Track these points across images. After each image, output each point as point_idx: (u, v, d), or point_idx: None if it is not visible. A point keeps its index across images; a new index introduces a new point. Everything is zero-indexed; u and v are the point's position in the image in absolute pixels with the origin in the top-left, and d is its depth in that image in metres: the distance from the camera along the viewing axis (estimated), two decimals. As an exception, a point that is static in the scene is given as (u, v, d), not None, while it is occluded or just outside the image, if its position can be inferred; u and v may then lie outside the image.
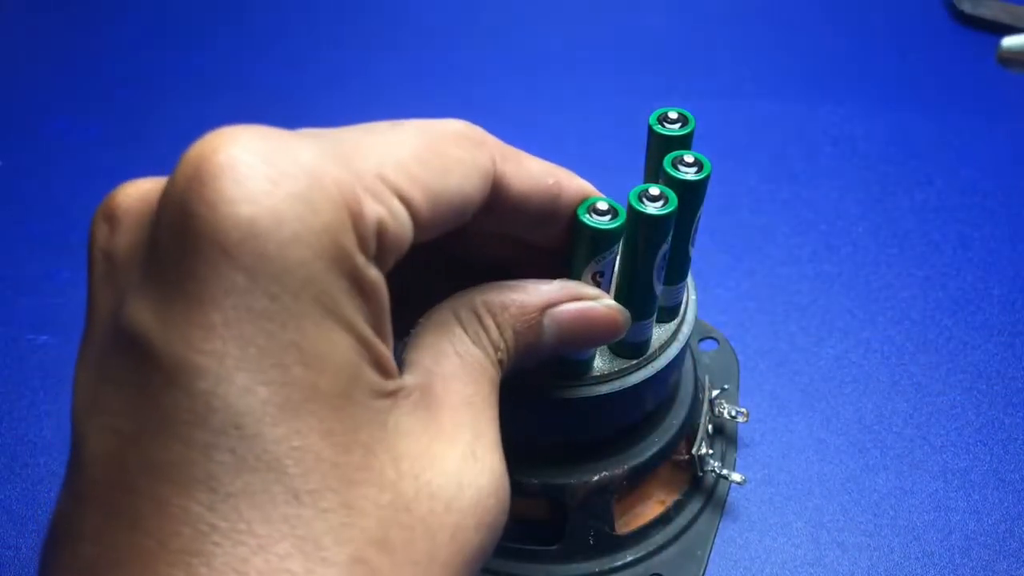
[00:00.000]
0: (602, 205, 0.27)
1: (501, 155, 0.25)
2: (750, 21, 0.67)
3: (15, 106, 0.59)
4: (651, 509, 0.38)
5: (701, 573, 0.37)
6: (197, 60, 0.63)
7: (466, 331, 0.25)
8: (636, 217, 0.28)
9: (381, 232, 0.20)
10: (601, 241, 0.27)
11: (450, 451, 0.22)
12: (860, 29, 0.66)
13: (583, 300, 0.27)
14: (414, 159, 0.22)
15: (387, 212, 0.20)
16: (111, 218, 0.21)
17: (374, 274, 0.20)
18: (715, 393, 0.40)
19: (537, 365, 0.27)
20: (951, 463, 0.41)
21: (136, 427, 0.18)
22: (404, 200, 0.21)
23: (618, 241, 0.27)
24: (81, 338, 0.22)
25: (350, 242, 0.20)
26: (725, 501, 0.40)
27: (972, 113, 0.59)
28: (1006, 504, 0.40)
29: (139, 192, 0.21)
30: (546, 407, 0.32)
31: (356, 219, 0.20)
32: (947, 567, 0.38)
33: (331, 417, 0.19)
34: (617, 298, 0.31)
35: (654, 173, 0.31)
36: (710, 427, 0.39)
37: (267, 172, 0.19)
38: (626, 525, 0.37)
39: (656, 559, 0.37)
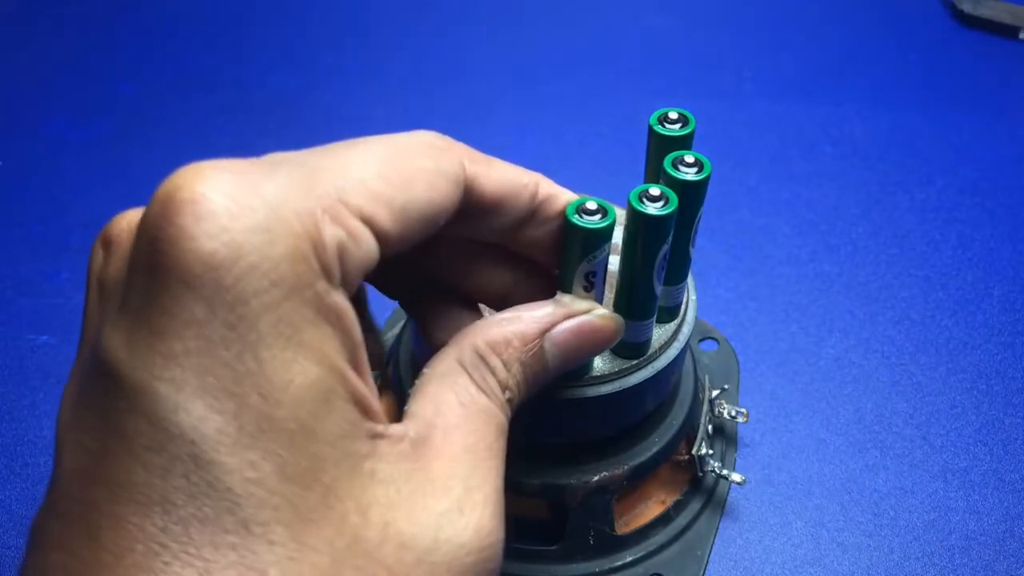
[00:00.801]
0: (591, 205, 0.27)
1: (471, 159, 0.25)
2: (750, 21, 0.67)
3: (15, 106, 0.59)
4: (651, 509, 0.38)
5: (701, 573, 0.37)
6: (197, 60, 0.63)
7: (472, 377, 0.25)
8: (636, 217, 0.28)
9: (343, 255, 0.21)
10: (592, 241, 0.27)
11: (434, 504, 0.22)
12: (860, 29, 0.66)
13: (577, 316, 0.27)
14: (376, 176, 0.22)
15: (348, 235, 0.21)
16: (106, 246, 0.22)
17: (340, 300, 0.21)
18: (715, 393, 0.40)
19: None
20: (951, 463, 0.41)
21: (102, 447, 0.19)
22: (367, 220, 0.21)
23: (609, 240, 0.27)
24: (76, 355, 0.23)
25: (311, 269, 0.20)
26: (725, 501, 0.40)
27: (972, 113, 0.59)
28: (1006, 504, 0.40)
29: (130, 223, 0.22)
30: (546, 407, 0.32)
31: (317, 246, 0.20)
32: (947, 567, 0.38)
33: (288, 452, 0.20)
34: (617, 298, 0.31)
35: (654, 173, 0.31)
36: (710, 427, 0.39)
37: (227, 206, 0.19)
38: (626, 525, 0.37)
39: (656, 559, 0.37)
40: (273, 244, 0.20)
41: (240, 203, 0.20)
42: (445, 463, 0.23)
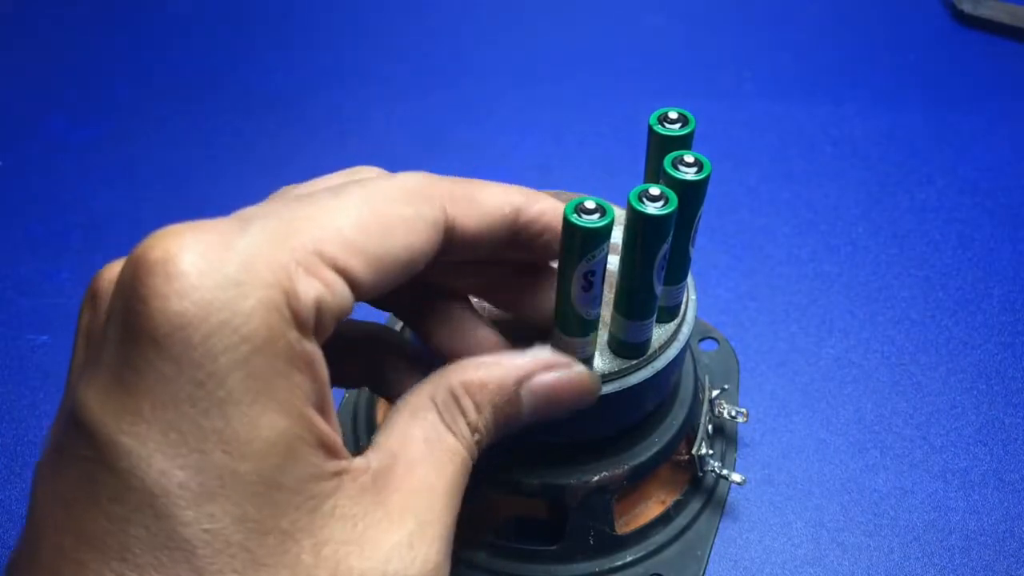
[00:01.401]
0: (590, 204, 0.27)
1: (451, 199, 0.25)
2: (750, 21, 0.67)
3: (15, 106, 0.59)
4: (651, 509, 0.38)
5: (701, 573, 0.37)
6: (197, 60, 0.63)
7: (442, 416, 0.25)
8: (636, 217, 0.28)
9: (317, 306, 0.21)
10: (590, 240, 0.27)
11: (385, 538, 0.23)
12: (860, 29, 0.66)
13: (557, 369, 0.28)
14: (354, 227, 0.22)
15: (323, 287, 0.22)
16: (93, 298, 0.23)
17: (312, 349, 0.22)
18: (715, 393, 0.40)
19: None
20: (951, 463, 0.41)
21: (71, 495, 0.21)
22: (341, 270, 0.22)
23: (607, 240, 0.27)
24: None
25: (283, 320, 0.21)
26: (725, 501, 0.40)
27: (972, 113, 0.59)
28: (1006, 504, 0.40)
29: (112, 277, 0.23)
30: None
31: (290, 297, 0.21)
32: (947, 567, 0.38)
33: (249, 503, 0.20)
34: (617, 298, 0.31)
35: (654, 173, 0.31)
36: (710, 427, 0.39)
37: (198, 264, 0.20)
38: (626, 525, 0.37)
39: (656, 559, 0.37)
40: (244, 298, 0.20)
41: (211, 260, 0.20)
42: (402, 496, 0.23)
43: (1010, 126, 0.58)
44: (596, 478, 0.34)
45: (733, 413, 0.40)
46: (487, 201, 0.26)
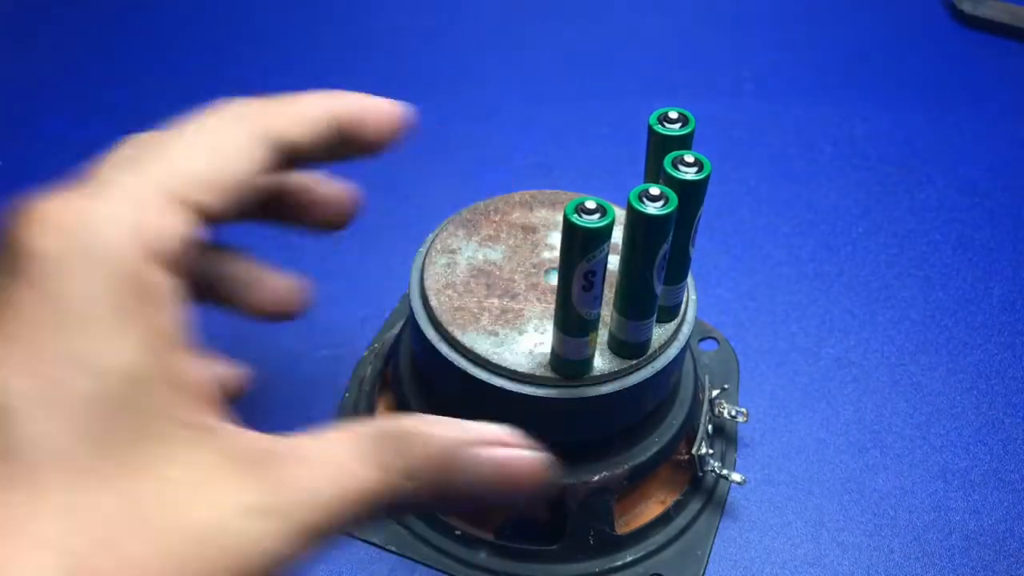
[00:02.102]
0: (590, 204, 0.27)
1: (269, 114, 0.27)
2: (750, 21, 0.67)
3: (15, 106, 0.59)
4: (651, 509, 0.38)
5: (701, 573, 0.37)
6: (197, 61, 0.63)
7: (360, 441, 0.23)
8: (636, 217, 0.28)
9: (173, 241, 0.23)
10: (590, 240, 0.27)
11: (231, 498, 0.21)
12: (860, 29, 0.66)
13: (508, 447, 0.25)
14: (197, 161, 0.25)
15: (176, 221, 0.23)
16: None
17: (162, 280, 0.23)
18: (715, 393, 0.40)
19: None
20: (951, 463, 0.41)
21: None
22: (193, 204, 0.24)
23: (608, 240, 0.27)
24: None
25: (139, 255, 0.22)
26: (725, 501, 0.40)
27: (972, 113, 0.59)
28: (1006, 504, 0.40)
29: None
30: (547, 407, 0.32)
31: (145, 232, 0.23)
32: (947, 567, 0.38)
33: (94, 421, 0.20)
34: (617, 298, 0.31)
35: (654, 173, 0.31)
36: (710, 427, 0.39)
37: (55, 205, 0.23)
38: (626, 525, 0.37)
39: (656, 559, 0.37)
40: (99, 233, 0.22)
41: (69, 201, 0.23)
42: (264, 470, 0.22)
43: (1010, 126, 0.58)
44: (596, 478, 0.34)
45: (733, 413, 0.40)
46: (305, 110, 0.28)
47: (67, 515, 0.20)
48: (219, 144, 0.26)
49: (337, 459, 0.23)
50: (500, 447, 0.25)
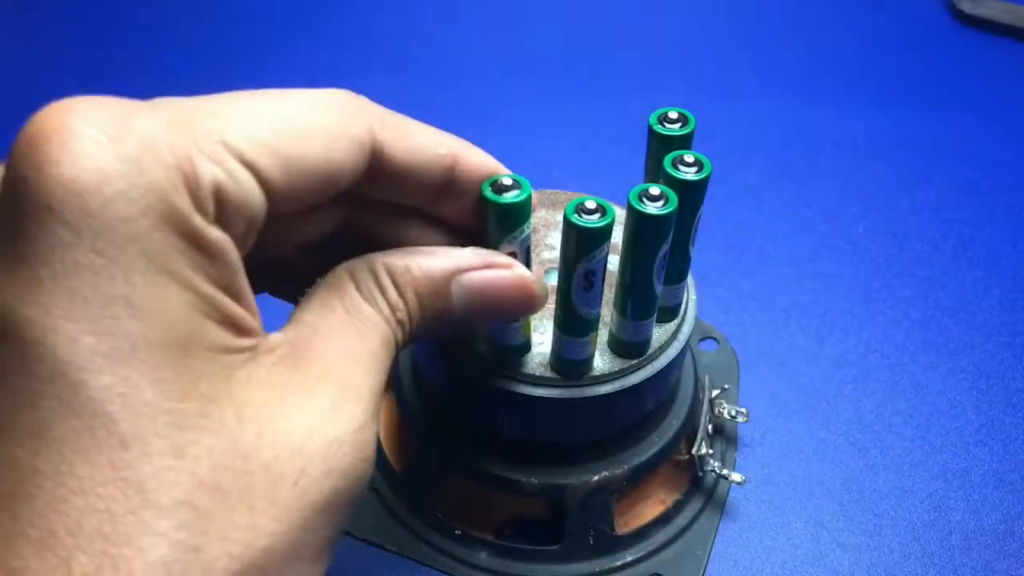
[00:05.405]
0: (590, 204, 0.27)
1: (382, 123, 0.24)
2: (750, 21, 0.67)
3: (15, 106, 0.59)
4: (651, 509, 0.38)
5: (701, 573, 0.37)
6: (197, 61, 0.63)
7: (359, 288, 0.25)
8: (636, 217, 0.28)
9: (220, 194, 0.21)
10: (590, 240, 0.27)
11: (308, 401, 0.22)
12: (860, 29, 0.66)
13: (495, 268, 0.27)
14: (266, 125, 0.22)
15: (225, 175, 0.21)
16: None
17: (215, 234, 0.21)
18: (715, 393, 0.40)
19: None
20: (951, 463, 0.41)
21: None
22: (248, 164, 0.21)
23: (608, 239, 0.27)
24: None
25: (182, 202, 0.20)
26: (725, 501, 0.40)
27: (972, 113, 0.59)
28: (1006, 504, 0.40)
29: None
30: (546, 407, 0.32)
31: (189, 181, 0.20)
32: (947, 567, 0.38)
33: (164, 366, 0.20)
34: (617, 298, 0.31)
35: (654, 173, 0.31)
36: (710, 427, 0.39)
37: (95, 136, 0.19)
38: (626, 525, 0.37)
39: (656, 559, 0.37)
40: (142, 173, 0.20)
41: (109, 132, 0.20)
42: (323, 363, 0.23)
43: (1010, 126, 0.58)
44: (596, 478, 0.34)
45: (733, 413, 0.40)
46: (423, 136, 0.26)
47: (177, 459, 0.20)
48: (300, 116, 0.23)
49: (346, 320, 0.24)
50: (485, 269, 0.27)
